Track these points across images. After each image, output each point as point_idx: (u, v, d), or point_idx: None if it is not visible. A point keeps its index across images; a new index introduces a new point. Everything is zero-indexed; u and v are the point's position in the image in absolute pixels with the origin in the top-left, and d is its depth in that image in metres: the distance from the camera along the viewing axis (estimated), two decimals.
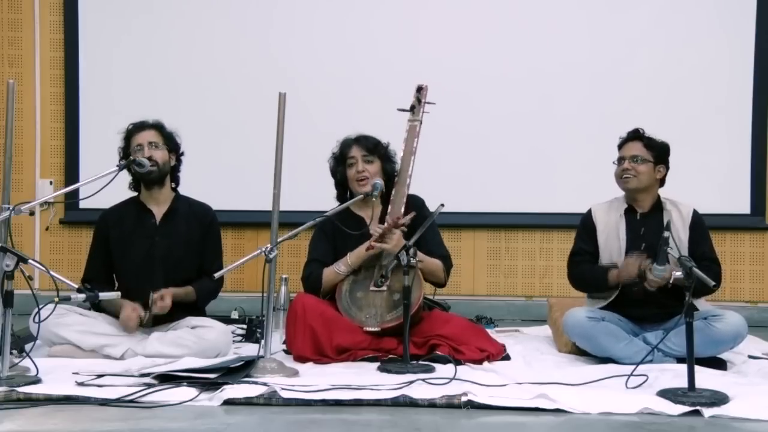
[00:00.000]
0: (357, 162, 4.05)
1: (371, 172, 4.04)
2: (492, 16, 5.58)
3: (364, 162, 4.05)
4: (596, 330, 3.85)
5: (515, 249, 5.63)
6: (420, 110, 4.12)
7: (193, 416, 2.93)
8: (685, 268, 3.27)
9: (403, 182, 4.04)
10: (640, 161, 3.98)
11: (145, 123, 4.05)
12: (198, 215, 4.12)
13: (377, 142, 4.11)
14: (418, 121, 4.11)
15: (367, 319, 3.88)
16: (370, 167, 4.05)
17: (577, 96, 5.54)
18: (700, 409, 3.02)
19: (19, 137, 5.58)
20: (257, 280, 3.80)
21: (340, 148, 4.14)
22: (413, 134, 4.09)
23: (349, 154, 4.08)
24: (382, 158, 4.10)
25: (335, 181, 4.19)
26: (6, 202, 3.50)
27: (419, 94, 4.13)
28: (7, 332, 3.29)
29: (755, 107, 5.50)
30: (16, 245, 3.47)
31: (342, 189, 4.16)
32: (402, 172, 4.06)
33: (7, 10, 5.69)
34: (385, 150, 4.12)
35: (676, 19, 5.52)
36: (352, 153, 4.08)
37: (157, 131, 4.03)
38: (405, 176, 4.04)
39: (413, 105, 4.13)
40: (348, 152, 4.09)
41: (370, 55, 5.59)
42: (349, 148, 4.10)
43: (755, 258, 5.55)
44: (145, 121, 4.06)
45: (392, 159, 4.13)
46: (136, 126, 4.05)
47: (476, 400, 3.10)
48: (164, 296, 3.87)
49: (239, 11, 5.62)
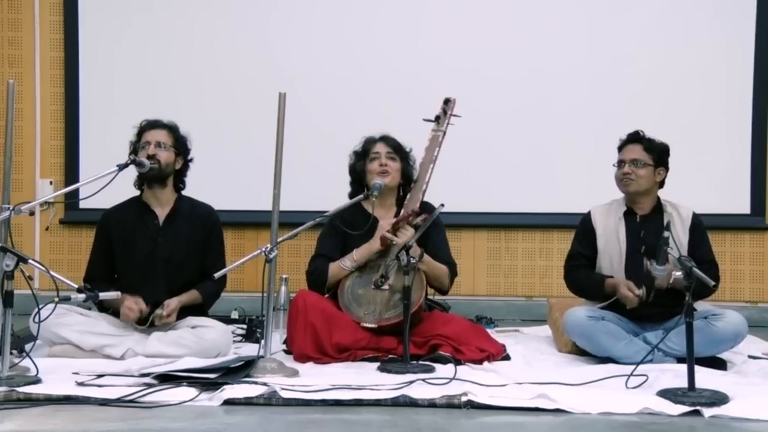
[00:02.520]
0: (380, 156, 4.09)
1: (393, 168, 4.08)
2: (492, 16, 5.58)
3: (387, 158, 4.09)
4: (596, 329, 3.85)
5: (515, 249, 5.63)
6: (445, 121, 4.17)
7: (193, 416, 2.93)
8: (685, 268, 3.27)
9: (419, 188, 4.07)
10: (640, 165, 3.98)
11: (159, 122, 4.05)
12: (201, 217, 4.12)
13: (400, 143, 4.17)
14: (441, 132, 4.16)
15: (365, 316, 3.88)
16: (393, 164, 4.09)
17: (577, 96, 5.54)
18: (700, 409, 3.02)
19: (19, 137, 5.58)
20: (257, 280, 3.81)
21: (364, 144, 4.19)
22: (435, 144, 4.13)
23: (374, 150, 4.12)
24: (403, 159, 4.15)
25: (352, 178, 4.20)
26: (6, 202, 3.50)
27: (446, 105, 4.19)
28: (7, 332, 3.29)
29: (755, 107, 5.50)
30: (16, 245, 3.47)
31: (358, 186, 4.17)
32: (420, 178, 4.10)
33: (7, 10, 5.69)
34: (407, 153, 4.18)
35: (676, 20, 5.52)
36: (376, 149, 4.12)
37: (169, 132, 4.03)
38: (422, 183, 4.07)
39: (438, 116, 4.18)
40: (372, 147, 4.14)
41: (371, 55, 5.59)
42: (374, 144, 4.15)
43: (755, 258, 5.55)
44: (159, 120, 4.06)
45: (412, 163, 4.18)
46: (150, 123, 4.05)
47: (476, 400, 3.10)
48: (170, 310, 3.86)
49: (239, 11, 5.62)
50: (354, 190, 4.19)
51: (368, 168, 4.10)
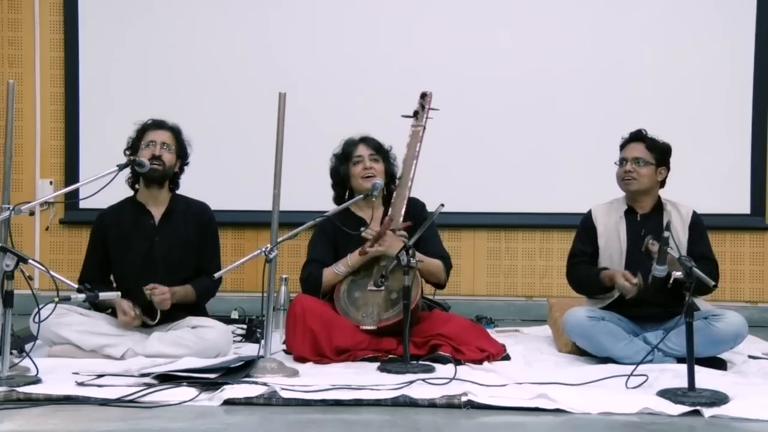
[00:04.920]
0: (364, 159, 4.07)
1: (377, 170, 4.07)
2: (492, 16, 5.58)
3: (371, 160, 4.08)
4: (596, 329, 3.85)
5: (515, 249, 5.63)
6: (423, 116, 4.16)
7: (193, 416, 2.93)
8: (685, 268, 3.27)
9: (405, 185, 4.05)
10: (642, 164, 3.98)
11: (165, 123, 4.05)
12: (196, 214, 4.12)
13: (381, 143, 4.16)
14: (421, 127, 4.15)
15: (364, 318, 3.88)
16: (377, 165, 4.08)
17: (577, 96, 5.54)
18: (700, 409, 3.01)
19: (19, 137, 5.58)
20: (257, 280, 3.80)
21: (344, 147, 4.16)
22: (416, 139, 4.13)
23: (356, 153, 4.10)
24: (386, 159, 4.14)
25: (334, 182, 4.19)
26: (6, 202, 3.50)
27: (423, 100, 4.18)
28: (7, 332, 3.29)
29: (755, 107, 5.51)
30: (16, 245, 3.47)
31: (342, 189, 4.16)
32: (404, 175, 4.08)
33: (7, 10, 5.69)
34: (387, 152, 4.17)
35: (677, 20, 5.52)
36: (358, 152, 4.10)
37: (173, 135, 4.03)
38: (406, 179, 4.06)
39: (416, 111, 4.16)
40: (354, 151, 4.11)
41: (371, 54, 5.59)
42: (355, 147, 4.12)
43: (755, 258, 5.55)
44: (165, 122, 4.06)
45: (394, 162, 4.18)
46: (156, 123, 4.04)
47: (476, 400, 3.10)
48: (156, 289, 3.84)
49: (239, 11, 5.61)
50: (337, 194, 4.18)
51: (352, 172, 4.08)
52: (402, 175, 4.10)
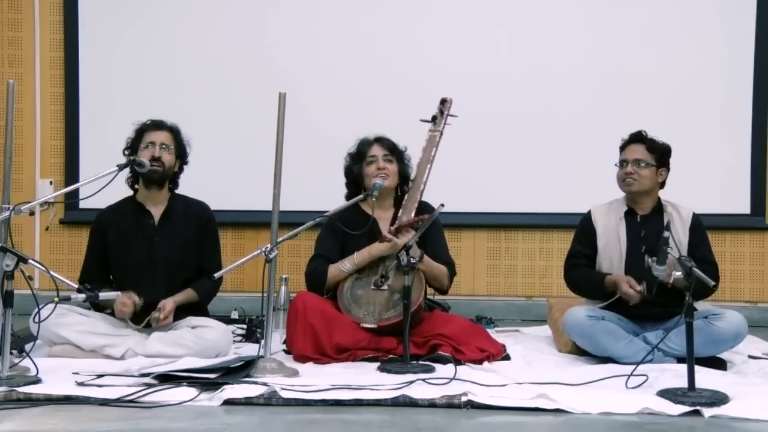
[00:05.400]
0: (378, 159, 4.08)
1: (391, 171, 4.08)
2: (492, 16, 5.58)
3: (384, 160, 4.08)
4: (596, 329, 3.85)
5: (515, 249, 5.63)
6: (442, 122, 4.16)
7: (193, 416, 2.93)
8: (685, 269, 3.27)
9: (417, 188, 4.07)
10: (643, 165, 3.97)
11: (164, 123, 4.05)
12: (195, 214, 4.12)
13: (395, 144, 4.17)
14: (438, 132, 4.15)
15: (365, 316, 3.89)
16: (390, 166, 4.09)
17: (577, 96, 5.54)
18: (700, 409, 3.02)
19: (19, 137, 5.58)
20: (257, 280, 3.81)
21: (359, 146, 4.17)
22: (432, 144, 4.13)
23: (370, 153, 4.11)
24: (399, 160, 4.15)
25: (348, 180, 4.20)
26: (6, 202, 3.50)
27: (442, 106, 4.18)
28: (7, 332, 3.29)
29: (755, 107, 5.50)
30: (16, 245, 3.47)
31: (355, 188, 4.17)
32: (417, 178, 4.09)
33: (7, 10, 5.69)
34: (402, 153, 4.17)
35: (676, 20, 5.52)
36: (372, 152, 4.11)
37: (172, 135, 4.03)
38: (420, 183, 4.07)
39: (435, 116, 4.17)
40: (368, 150, 4.12)
41: (371, 54, 5.59)
42: (370, 147, 4.13)
43: (755, 258, 5.56)
44: (163, 122, 4.06)
45: (408, 163, 4.18)
46: (155, 123, 4.04)
47: (476, 400, 3.10)
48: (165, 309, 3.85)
49: (238, 11, 5.61)
50: (351, 192, 4.19)
51: (365, 171, 4.09)
52: (415, 178, 4.11)
